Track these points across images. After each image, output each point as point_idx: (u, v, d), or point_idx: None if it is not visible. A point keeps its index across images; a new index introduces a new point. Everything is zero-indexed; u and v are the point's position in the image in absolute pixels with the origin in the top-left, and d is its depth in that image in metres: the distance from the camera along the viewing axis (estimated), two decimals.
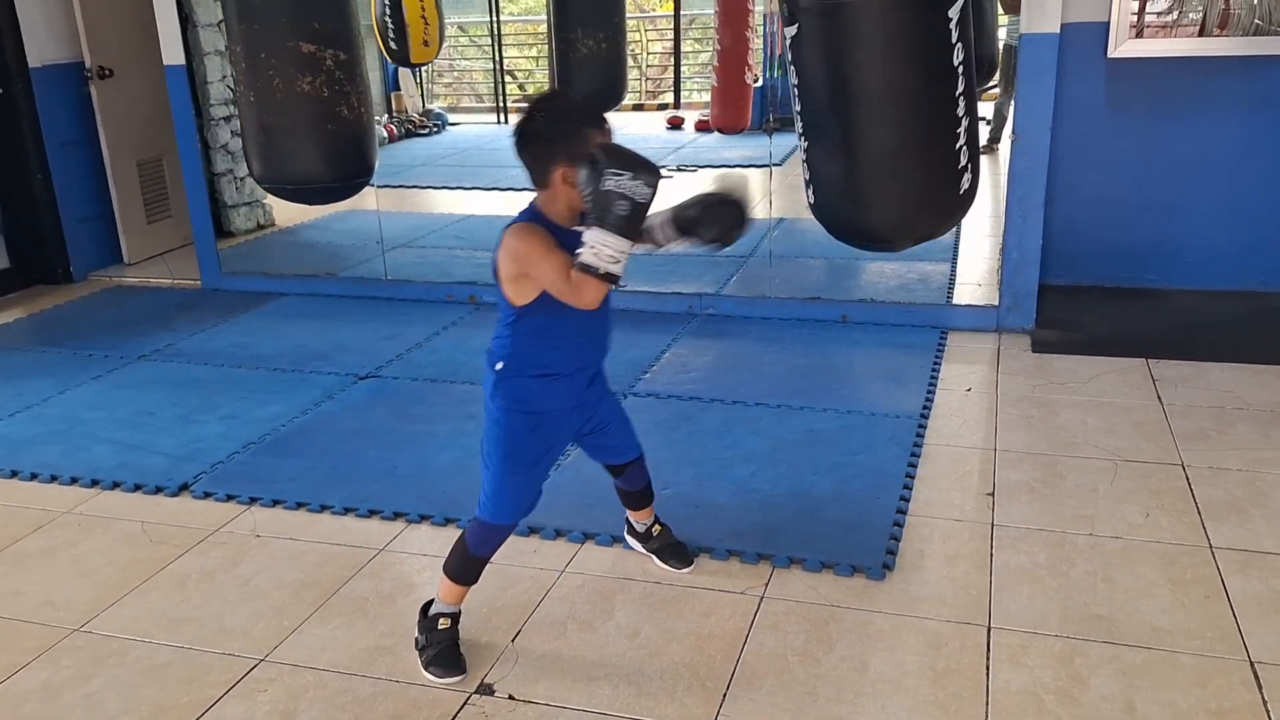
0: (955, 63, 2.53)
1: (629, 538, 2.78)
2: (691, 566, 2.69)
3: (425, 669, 2.33)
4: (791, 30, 2.66)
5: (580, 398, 2.34)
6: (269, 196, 6.74)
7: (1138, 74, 4.47)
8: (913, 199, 2.77)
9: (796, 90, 2.78)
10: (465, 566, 2.36)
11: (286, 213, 6.87)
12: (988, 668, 2.26)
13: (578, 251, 2.01)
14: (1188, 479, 3.05)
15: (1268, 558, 2.63)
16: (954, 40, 2.51)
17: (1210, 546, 2.69)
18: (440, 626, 2.35)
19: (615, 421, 2.49)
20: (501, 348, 2.25)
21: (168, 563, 2.84)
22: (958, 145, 2.65)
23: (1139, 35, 4.37)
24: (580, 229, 2.05)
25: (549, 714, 2.19)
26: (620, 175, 1.95)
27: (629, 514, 2.73)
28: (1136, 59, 4.42)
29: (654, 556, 2.72)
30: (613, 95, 5.69)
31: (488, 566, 2.39)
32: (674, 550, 2.71)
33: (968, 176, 2.73)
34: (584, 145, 2.04)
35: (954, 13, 2.52)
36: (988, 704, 2.15)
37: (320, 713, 2.22)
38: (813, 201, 2.87)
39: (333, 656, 2.41)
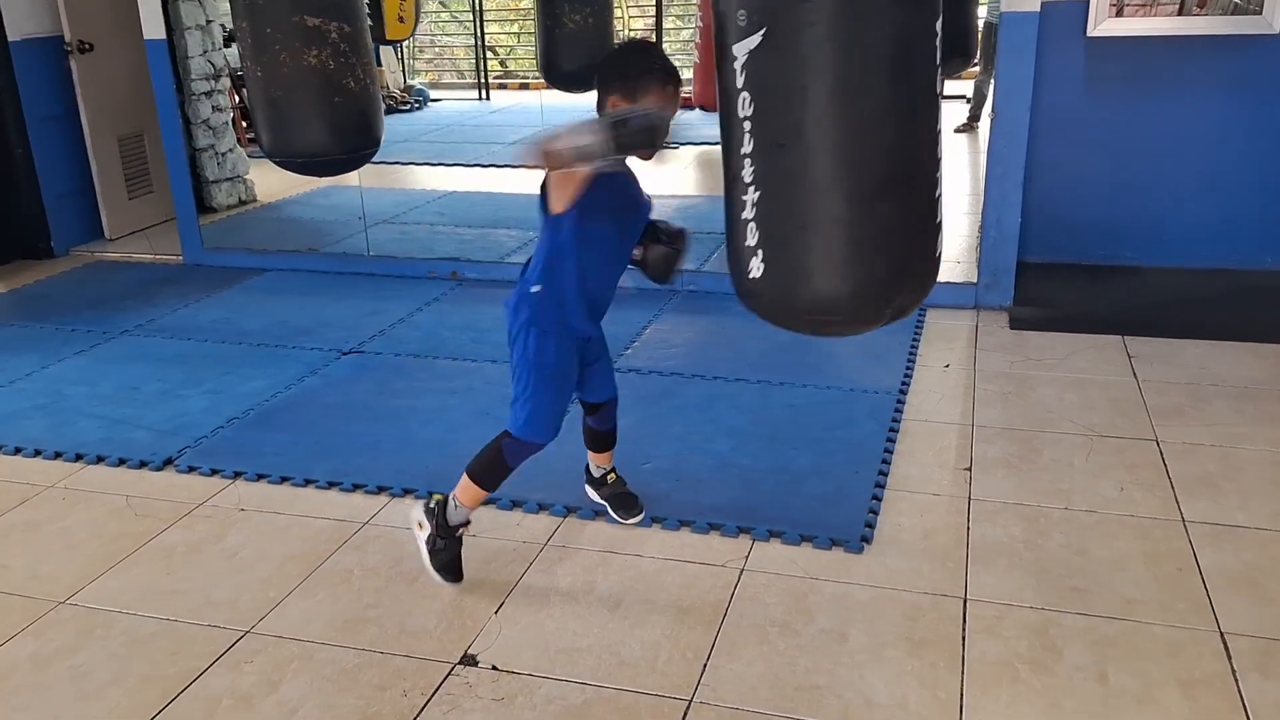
0: (938, 88, 1.93)
1: (587, 487, 2.89)
2: (639, 516, 2.80)
3: (429, 563, 2.53)
4: (749, 42, 1.86)
5: (592, 332, 2.52)
6: (250, 172, 6.73)
7: (1117, 52, 4.50)
8: (900, 256, 1.96)
9: (749, 122, 1.93)
10: (493, 472, 2.52)
11: (268, 188, 6.83)
12: (964, 638, 2.31)
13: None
14: (1162, 454, 3.10)
15: (1239, 531, 2.68)
16: (936, 61, 1.90)
17: (1183, 520, 2.74)
18: (459, 534, 2.54)
19: (603, 360, 2.63)
20: (539, 270, 2.39)
21: (153, 536, 2.86)
22: (936, 194, 1.97)
23: (1119, 14, 4.40)
24: (625, 171, 2.36)
25: (532, 684, 2.22)
26: (640, 110, 2.12)
27: (590, 457, 2.85)
28: (1116, 37, 4.44)
29: (606, 505, 2.84)
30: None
31: (472, 541, 2.42)
32: (623, 500, 2.82)
33: (941, 237, 2.08)
34: (640, 88, 2.21)
35: (939, 27, 1.91)
36: (963, 674, 2.19)
37: (306, 683, 2.24)
38: (758, 276, 1.99)
39: (318, 628, 2.43)
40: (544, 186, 2.33)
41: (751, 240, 1.94)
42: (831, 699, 2.14)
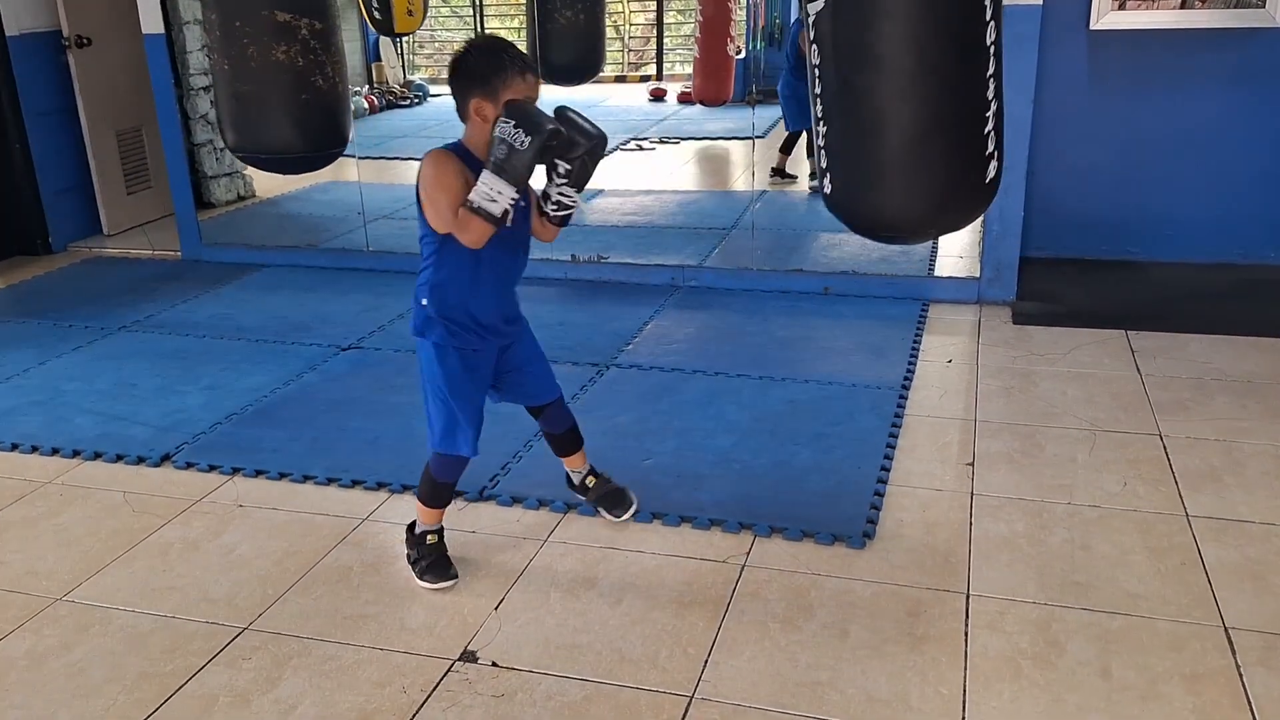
0: (988, 41, 2.37)
1: (571, 491, 2.84)
2: (632, 509, 2.77)
3: (420, 579, 2.53)
4: (816, 5, 2.37)
5: (500, 335, 2.44)
6: (250, 167, 6.70)
7: (1119, 46, 4.49)
8: (939, 186, 2.43)
9: (817, 70, 2.45)
10: (434, 492, 2.52)
11: (267, 184, 6.81)
12: (966, 634, 2.29)
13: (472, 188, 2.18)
14: (1165, 449, 3.08)
15: (1243, 526, 2.67)
16: (988, 17, 2.37)
17: (1186, 515, 2.73)
18: (428, 542, 2.55)
19: (533, 362, 2.56)
20: (425, 276, 2.35)
21: (150, 533, 2.84)
22: (985, 130, 2.54)
23: (1121, 7, 4.38)
24: None
25: (532, 681, 2.20)
26: (506, 124, 2.13)
27: (564, 464, 2.79)
28: (1118, 31, 4.43)
29: (596, 508, 2.79)
30: (590, 66, 5.66)
31: (471, 536, 2.41)
32: (612, 498, 2.78)
33: (994, 164, 2.50)
34: (501, 85, 2.19)
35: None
36: (966, 669, 2.18)
37: (305, 680, 2.23)
38: (828, 192, 2.54)
39: (317, 625, 2.42)
40: (419, 193, 2.26)
41: (823, 163, 2.41)
42: (833, 695, 2.13)
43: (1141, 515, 2.73)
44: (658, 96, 9.56)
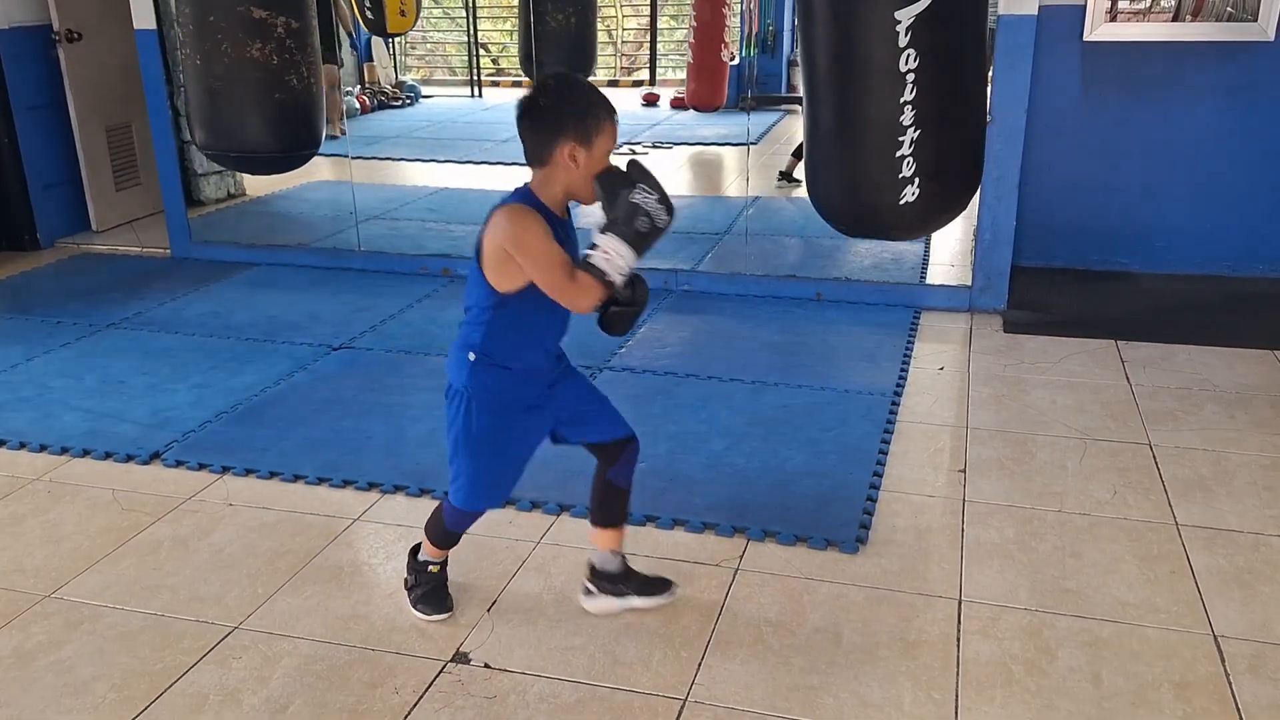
0: (902, 67, 2.37)
1: (594, 599, 2.43)
2: (673, 589, 2.46)
3: (413, 607, 2.42)
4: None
5: (548, 381, 2.24)
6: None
7: (1112, 58, 4.52)
8: (839, 204, 2.89)
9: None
10: (443, 537, 2.39)
11: (257, 182, 6.79)
12: (958, 639, 2.30)
13: (587, 252, 2.00)
14: (1154, 458, 3.10)
15: (1232, 535, 2.68)
16: (902, 45, 2.35)
17: (1176, 524, 2.74)
18: (430, 570, 2.43)
19: (589, 395, 2.35)
20: (474, 335, 2.14)
21: (139, 531, 2.82)
22: (899, 154, 2.54)
23: (1113, 19, 4.41)
24: (568, 219, 2.14)
25: (524, 683, 2.20)
26: (650, 194, 1.98)
27: (596, 538, 2.42)
28: (1112, 43, 4.46)
29: (635, 597, 2.42)
30: (582, 70, 5.67)
31: (465, 537, 2.40)
32: (651, 584, 2.45)
33: (912, 188, 2.61)
34: (594, 127, 2.01)
35: (903, 15, 2.33)
36: (958, 674, 2.18)
37: (295, 680, 2.22)
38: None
39: (307, 625, 2.40)
40: (479, 252, 2.07)
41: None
42: (826, 699, 2.13)
43: (1131, 523, 2.75)
44: (651, 101, 9.59)
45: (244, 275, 5.20)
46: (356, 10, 7.67)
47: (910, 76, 2.34)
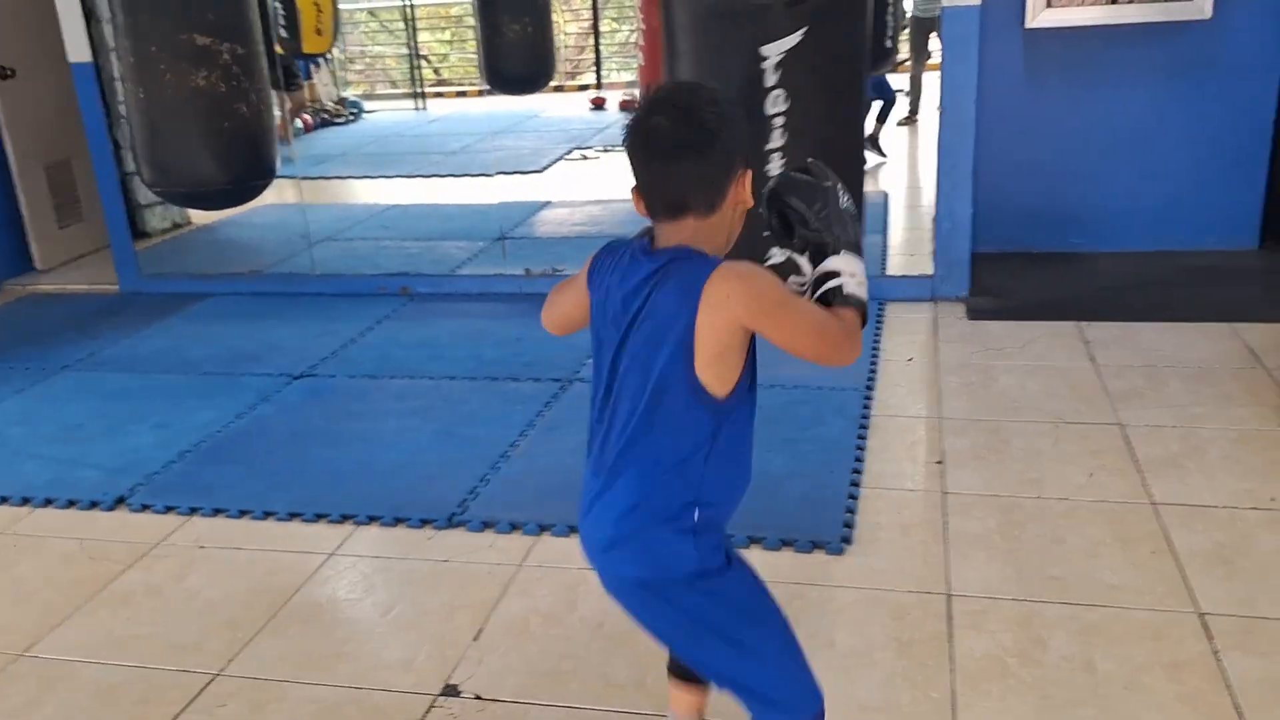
0: (769, 110, 2.03)
1: None
2: None
3: None
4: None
5: None
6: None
7: (1054, 43, 4.57)
8: None
9: None
10: None
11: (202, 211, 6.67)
12: (950, 635, 2.30)
13: (835, 284, 1.53)
14: (1126, 438, 3.13)
15: (1209, 511, 2.71)
16: (768, 85, 2.01)
17: (1153, 503, 2.77)
18: None
19: None
20: (686, 484, 1.50)
21: (110, 580, 2.75)
22: (759, 209, 2.33)
23: (1050, 5, 4.46)
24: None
25: (517, 711, 2.16)
26: (843, 192, 1.59)
27: (677, 712, 1.86)
28: (1053, 28, 4.51)
29: None
30: (543, 76, 5.66)
31: (446, 566, 2.36)
32: None
33: (780, 251, 2.34)
34: (748, 144, 1.56)
35: (770, 51, 1.99)
36: (953, 671, 2.18)
37: None
38: None
39: (292, 666, 2.35)
40: (678, 353, 1.46)
41: None
42: (826, 706, 2.11)
43: (1110, 506, 2.77)
44: (599, 105, 9.56)
45: (197, 307, 5.10)
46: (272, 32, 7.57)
47: (779, 120, 2.00)
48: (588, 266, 1.60)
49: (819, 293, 1.54)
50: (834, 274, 1.53)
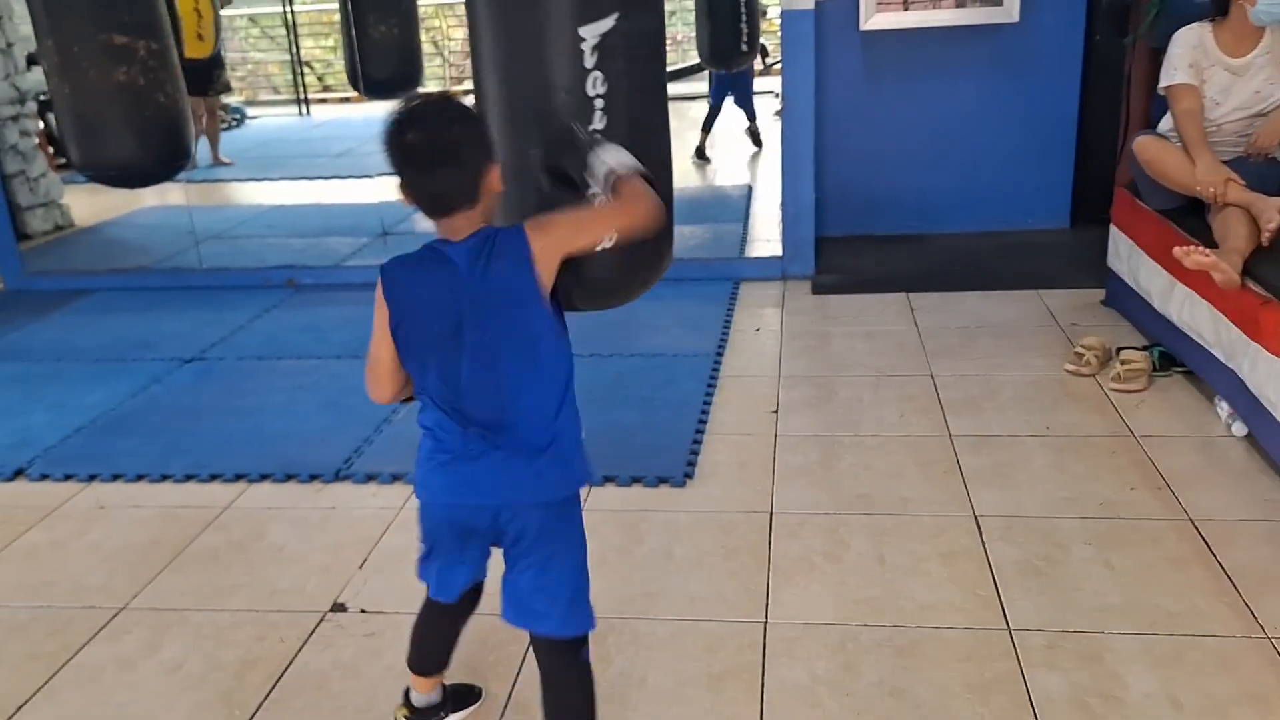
0: (589, 91, 2.00)
1: None
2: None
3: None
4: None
5: None
6: (65, 196, 6.63)
7: (888, 43, 5.07)
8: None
9: None
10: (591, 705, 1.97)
11: (86, 212, 6.77)
12: (770, 543, 2.70)
13: (610, 169, 1.77)
14: (935, 385, 3.60)
15: (993, 439, 3.19)
16: (588, 65, 1.97)
17: (949, 435, 3.23)
18: None
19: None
20: (570, 409, 1.82)
21: (14, 539, 2.95)
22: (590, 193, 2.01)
23: (881, 9, 4.95)
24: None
25: (399, 620, 2.47)
26: (578, 125, 1.88)
27: (418, 690, 2.12)
28: (885, 30, 5.00)
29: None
30: (411, 79, 5.90)
31: (336, 512, 2.63)
32: (462, 695, 2.21)
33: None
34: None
35: (588, 33, 1.98)
36: (769, 569, 2.58)
37: (187, 643, 2.43)
38: None
39: (192, 598, 2.62)
40: (529, 288, 1.69)
41: None
42: (663, 602, 2.49)
43: (914, 439, 3.22)
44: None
45: (84, 301, 5.23)
46: None
47: (599, 103, 2.02)
48: (380, 296, 1.76)
49: (609, 186, 1.78)
50: (608, 168, 1.77)
